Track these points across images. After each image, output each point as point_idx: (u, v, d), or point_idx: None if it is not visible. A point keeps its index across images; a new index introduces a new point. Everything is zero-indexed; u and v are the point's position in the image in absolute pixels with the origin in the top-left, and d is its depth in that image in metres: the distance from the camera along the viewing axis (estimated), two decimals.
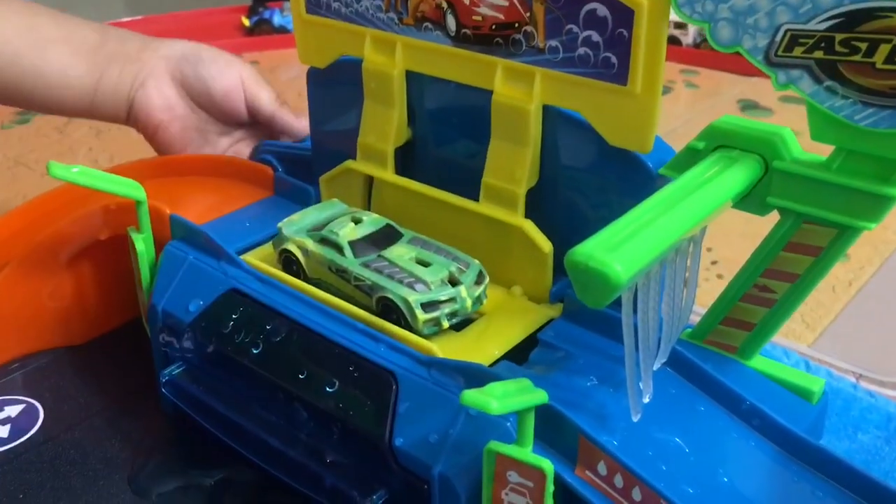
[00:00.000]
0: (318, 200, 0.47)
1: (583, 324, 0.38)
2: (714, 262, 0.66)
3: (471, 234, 0.42)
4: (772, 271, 0.35)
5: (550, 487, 0.31)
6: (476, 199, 0.41)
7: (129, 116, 0.58)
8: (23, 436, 0.44)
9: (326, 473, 0.36)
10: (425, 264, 0.39)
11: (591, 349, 0.37)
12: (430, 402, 0.34)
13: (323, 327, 0.38)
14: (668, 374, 0.36)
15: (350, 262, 0.39)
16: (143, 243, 0.43)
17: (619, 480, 0.31)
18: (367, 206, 0.46)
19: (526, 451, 0.31)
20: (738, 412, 0.35)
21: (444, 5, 0.39)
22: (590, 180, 0.39)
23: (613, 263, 0.26)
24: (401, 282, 0.38)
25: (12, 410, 0.46)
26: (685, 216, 0.29)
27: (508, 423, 0.32)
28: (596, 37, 0.35)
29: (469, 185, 0.41)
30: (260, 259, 0.43)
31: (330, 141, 0.48)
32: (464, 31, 0.39)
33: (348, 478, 0.35)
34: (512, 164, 0.39)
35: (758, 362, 0.37)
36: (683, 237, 0.29)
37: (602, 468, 0.31)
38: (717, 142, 0.34)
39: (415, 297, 0.37)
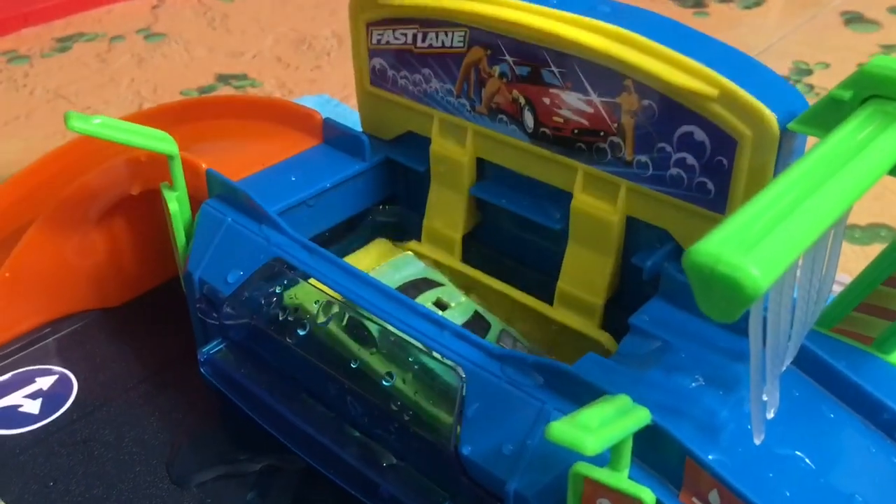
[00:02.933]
0: (371, 151, 0.41)
1: (684, 306, 0.32)
2: None
3: (541, 336, 0.37)
4: None
5: None
6: (543, 297, 0.37)
7: None
8: (56, 412, 0.40)
9: (382, 480, 0.31)
10: None
11: (695, 338, 0.31)
12: (503, 404, 0.29)
13: (378, 308, 0.32)
14: (791, 372, 0.30)
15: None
16: (176, 202, 0.38)
17: None
18: None
19: (621, 477, 0.25)
20: (878, 422, 0.29)
21: (522, 101, 0.34)
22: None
23: (749, 268, 0.20)
24: None
25: (44, 382, 0.42)
26: (837, 196, 0.23)
27: None
28: (691, 160, 0.31)
29: (538, 282, 0.38)
30: None
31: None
32: (542, 129, 0.35)
33: (408, 487, 0.31)
34: (591, 274, 0.35)
35: None
36: (835, 221, 0.23)
37: (714, 498, 0.26)
38: (869, 91, 0.27)
39: None
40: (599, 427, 0.22)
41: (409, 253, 0.40)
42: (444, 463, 0.30)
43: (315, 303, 0.34)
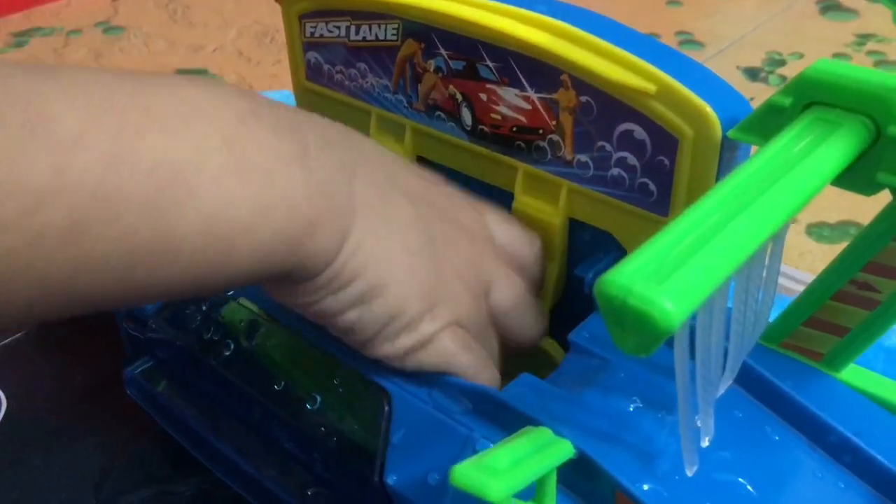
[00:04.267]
0: None
1: None
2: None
3: None
4: (877, 266, 0.26)
5: None
6: None
7: None
8: None
9: None
10: None
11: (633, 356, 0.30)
12: (430, 431, 0.28)
13: (308, 329, 0.31)
14: (734, 393, 0.28)
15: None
16: None
17: None
18: None
19: None
20: (825, 444, 0.27)
21: (459, 97, 0.33)
22: None
23: (662, 301, 0.18)
24: None
25: None
26: (766, 216, 0.21)
27: None
28: (632, 160, 0.29)
29: None
30: None
31: None
32: (481, 127, 0.33)
33: None
34: None
35: (851, 375, 0.29)
36: (764, 243, 0.21)
37: None
38: (809, 97, 0.25)
39: None
40: (508, 469, 0.21)
41: None
42: (368, 492, 0.28)
43: (241, 322, 0.32)
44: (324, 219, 0.25)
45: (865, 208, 0.53)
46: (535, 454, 0.22)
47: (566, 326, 0.32)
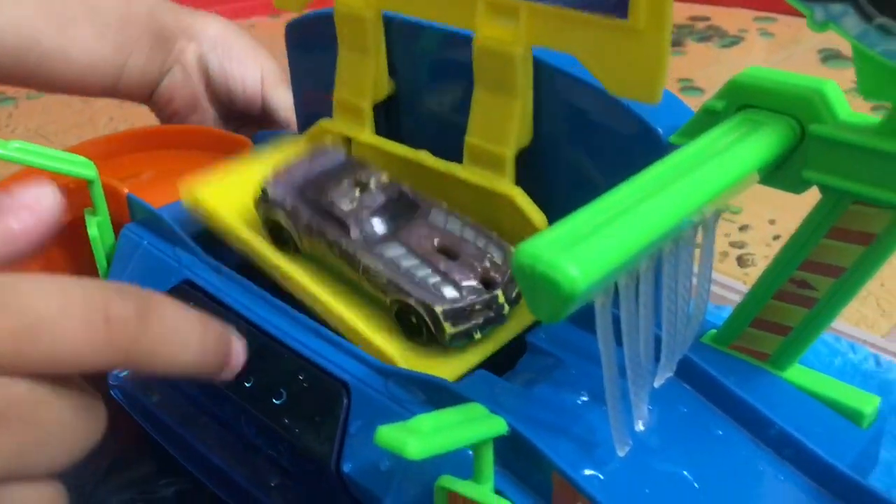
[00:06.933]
0: None
1: (580, 323, 0.32)
2: (777, 237, 0.58)
3: (458, 205, 0.35)
4: (812, 263, 0.28)
5: None
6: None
7: (151, 99, 0.54)
8: None
9: (268, 500, 0.31)
10: (452, 255, 0.32)
11: (587, 355, 0.31)
12: (384, 421, 0.28)
13: (277, 328, 0.32)
14: (679, 389, 0.29)
15: (359, 245, 0.32)
16: (96, 227, 0.39)
17: None
18: None
19: (483, 490, 0.25)
20: (766, 438, 0.28)
21: None
22: (589, 147, 0.32)
23: (567, 267, 0.20)
24: (423, 281, 0.30)
25: None
26: (679, 199, 0.23)
27: (471, 452, 0.26)
28: None
29: (460, 147, 0.35)
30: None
31: (314, 106, 0.43)
32: None
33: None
34: (498, 121, 0.33)
35: (795, 374, 0.30)
36: (679, 225, 0.23)
37: None
38: (741, 101, 0.27)
39: (441, 307, 0.30)
40: (430, 432, 0.22)
41: (330, 146, 0.38)
42: (326, 480, 0.29)
43: None
44: None
45: None
46: (462, 424, 0.23)
47: (535, 177, 0.32)
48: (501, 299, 0.31)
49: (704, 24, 0.90)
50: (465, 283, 0.30)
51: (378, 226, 0.33)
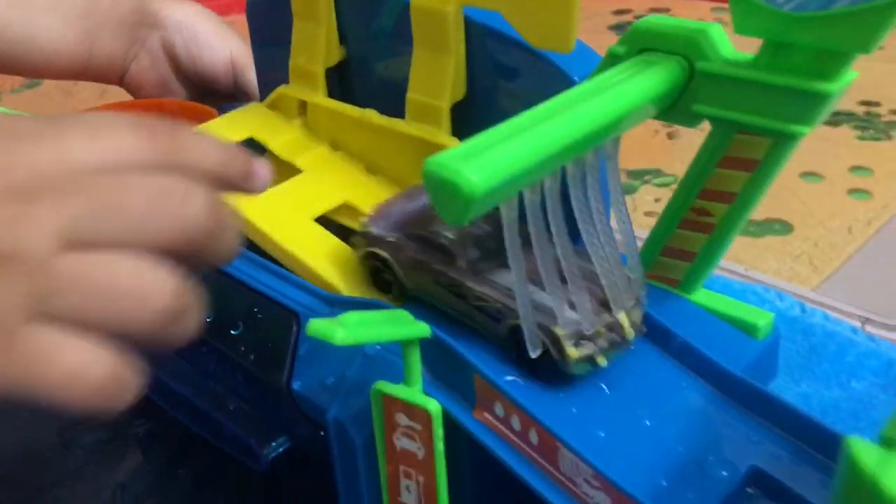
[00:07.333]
0: None
1: None
2: None
3: (402, 158, 0.39)
4: (708, 192, 0.31)
5: (439, 430, 0.28)
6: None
7: (123, 83, 0.57)
8: None
9: (227, 422, 0.34)
10: (564, 280, 0.29)
11: None
12: (329, 343, 0.32)
13: (233, 267, 0.35)
14: None
15: (467, 274, 0.30)
16: None
17: (515, 422, 0.28)
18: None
19: (413, 392, 0.28)
20: (670, 350, 0.31)
21: None
22: (515, 96, 0.35)
23: (467, 173, 0.23)
24: (541, 305, 0.28)
25: None
26: (570, 122, 0.26)
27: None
28: None
29: (404, 105, 0.38)
30: None
31: (274, 75, 0.46)
32: None
33: (249, 426, 0.33)
34: (434, 76, 0.36)
35: (701, 296, 0.33)
36: (572, 146, 0.26)
37: (499, 409, 0.28)
38: (639, 45, 0.30)
39: (564, 331, 0.28)
40: (357, 324, 0.25)
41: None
42: (279, 399, 0.32)
43: None
44: None
45: (791, 208, 0.57)
46: (387, 323, 0.26)
47: (468, 128, 0.30)
48: (625, 321, 0.29)
49: (665, 14, 0.94)
50: (583, 306, 0.29)
51: (485, 253, 0.31)
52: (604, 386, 0.30)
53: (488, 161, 0.23)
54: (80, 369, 0.23)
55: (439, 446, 0.28)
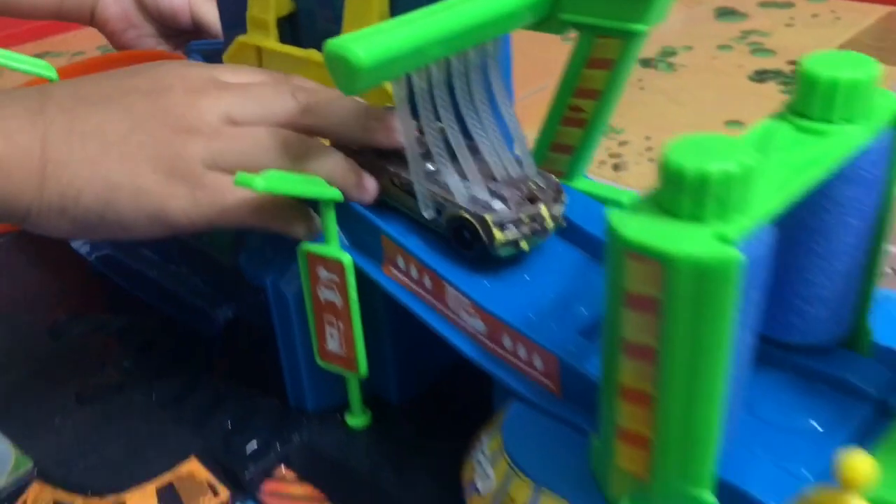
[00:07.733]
0: None
1: None
2: (649, 149, 0.67)
3: None
4: (580, 90, 0.37)
5: (352, 279, 0.34)
6: None
7: (93, 21, 0.66)
8: None
9: (187, 295, 0.40)
10: (500, 180, 0.35)
11: None
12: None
13: None
14: None
15: (415, 174, 0.34)
16: None
17: (414, 271, 0.34)
18: None
19: (329, 248, 0.34)
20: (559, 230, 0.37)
21: None
22: None
23: (356, 49, 0.29)
24: (475, 198, 0.34)
25: None
26: (450, 17, 0.32)
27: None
28: None
29: None
30: None
31: (238, 24, 0.52)
32: None
33: (204, 296, 0.40)
34: (363, 16, 0.42)
35: (581, 183, 0.39)
36: (448, 38, 0.32)
37: (401, 262, 0.35)
38: None
39: (492, 216, 0.33)
40: (276, 179, 0.31)
41: None
42: (231, 274, 0.39)
43: None
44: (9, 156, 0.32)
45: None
46: (304, 182, 0.32)
47: None
48: (545, 213, 0.34)
49: None
50: (512, 199, 0.34)
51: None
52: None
53: (374, 42, 0.30)
54: (247, 198, 0.34)
55: (353, 294, 0.35)
